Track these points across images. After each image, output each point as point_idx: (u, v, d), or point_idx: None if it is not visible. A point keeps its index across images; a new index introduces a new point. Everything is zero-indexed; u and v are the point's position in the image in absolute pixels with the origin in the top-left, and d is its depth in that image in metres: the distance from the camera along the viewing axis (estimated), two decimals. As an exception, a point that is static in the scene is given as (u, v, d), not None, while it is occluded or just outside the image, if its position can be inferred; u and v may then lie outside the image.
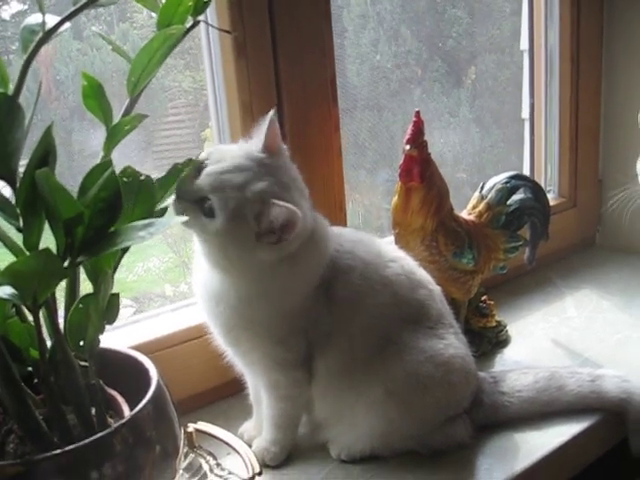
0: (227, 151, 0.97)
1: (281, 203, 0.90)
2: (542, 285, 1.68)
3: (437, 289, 1.11)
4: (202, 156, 0.95)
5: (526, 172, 1.85)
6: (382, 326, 1.03)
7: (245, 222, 0.91)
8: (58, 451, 0.70)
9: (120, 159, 0.93)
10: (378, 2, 1.74)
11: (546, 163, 1.84)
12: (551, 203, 1.67)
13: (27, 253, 0.70)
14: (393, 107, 1.79)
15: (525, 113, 1.90)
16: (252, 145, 0.97)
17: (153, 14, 0.88)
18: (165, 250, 1.54)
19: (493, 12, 1.96)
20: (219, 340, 1.05)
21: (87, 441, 0.71)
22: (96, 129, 1.25)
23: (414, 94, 1.84)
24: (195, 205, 0.92)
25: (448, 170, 1.87)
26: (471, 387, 1.09)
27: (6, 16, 1.30)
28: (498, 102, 1.98)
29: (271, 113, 0.96)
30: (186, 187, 0.91)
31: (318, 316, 1.01)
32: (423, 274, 1.11)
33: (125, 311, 1.40)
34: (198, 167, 0.93)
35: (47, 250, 0.62)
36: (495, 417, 1.11)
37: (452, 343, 1.06)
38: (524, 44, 1.88)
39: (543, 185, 1.81)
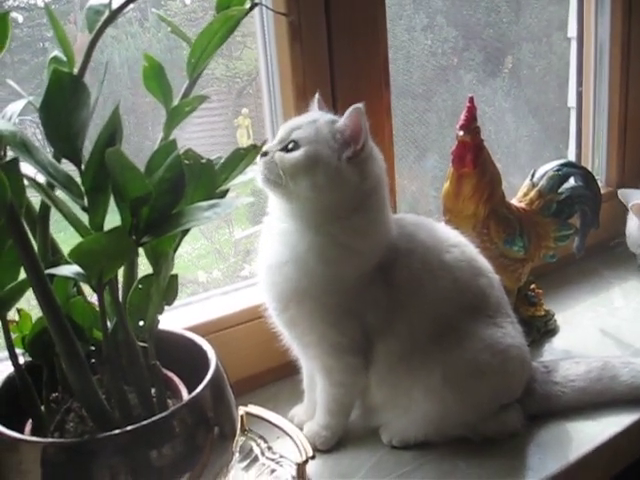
0: None
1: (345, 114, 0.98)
2: (589, 275, 1.66)
3: (496, 278, 1.10)
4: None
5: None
6: (442, 312, 1.02)
7: (324, 143, 0.97)
8: (118, 431, 0.70)
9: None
10: None
11: (593, 152, 1.81)
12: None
13: (92, 232, 0.70)
14: (429, 94, 1.78)
15: (572, 101, 1.88)
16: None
17: (187, 1, 0.88)
18: (197, 237, 1.54)
19: (531, 1, 1.93)
20: (276, 321, 1.05)
21: (147, 422, 0.72)
22: (129, 115, 1.26)
23: (450, 82, 1.82)
24: (281, 151, 0.98)
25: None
26: (526, 376, 1.08)
27: (41, 3, 1.29)
28: (535, 92, 1.96)
29: (315, 97, 1.06)
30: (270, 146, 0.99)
31: (376, 300, 1.00)
32: (484, 261, 1.10)
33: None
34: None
35: (119, 229, 0.63)
36: (548, 406, 1.10)
37: (509, 332, 1.05)
38: (572, 31, 1.85)
39: (590, 173, 1.79)
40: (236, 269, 1.51)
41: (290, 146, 0.97)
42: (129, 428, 0.71)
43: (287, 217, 1.00)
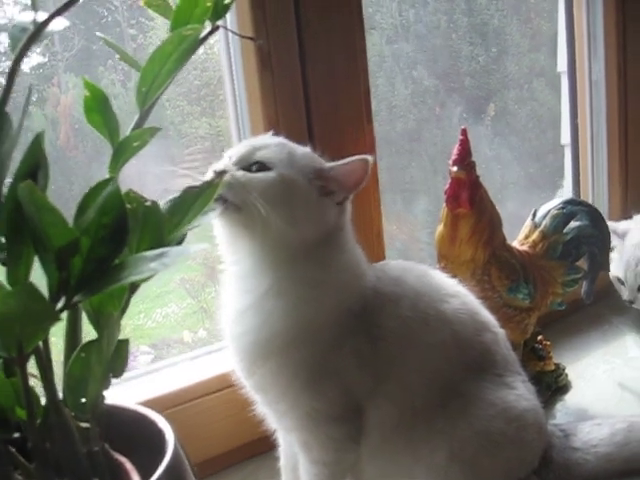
0: None
1: (344, 162, 0.88)
2: (597, 323, 1.56)
3: (502, 332, 0.98)
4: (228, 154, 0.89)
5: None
6: (441, 370, 0.89)
7: (301, 176, 0.86)
8: (49, 541, 0.56)
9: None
10: (394, 42, 1.74)
11: (593, 188, 1.72)
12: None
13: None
14: (414, 142, 1.78)
15: (565, 138, 1.80)
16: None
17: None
18: (183, 296, 1.52)
19: (510, 48, 1.95)
20: (246, 386, 0.92)
21: (86, 527, 0.58)
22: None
23: (432, 131, 1.83)
24: (244, 172, 0.85)
25: None
26: (543, 443, 0.95)
27: (26, 69, 1.30)
28: (519, 138, 1.95)
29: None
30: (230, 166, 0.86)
31: (359, 354, 0.87)
32: (487, 314, 0.98)
33: (143, 358, 1.36)
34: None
35: (29, 285, 0.49)
36: (568, 477, 0.98)
37: (523, 393, 0.93)
38: (562, 66, 1.78)
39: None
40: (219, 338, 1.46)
41: (255, 167, 0.85)
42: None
43: (242, 256, 0.88)
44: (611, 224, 1.43)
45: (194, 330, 1.46)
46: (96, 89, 0.73)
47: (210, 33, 0.79)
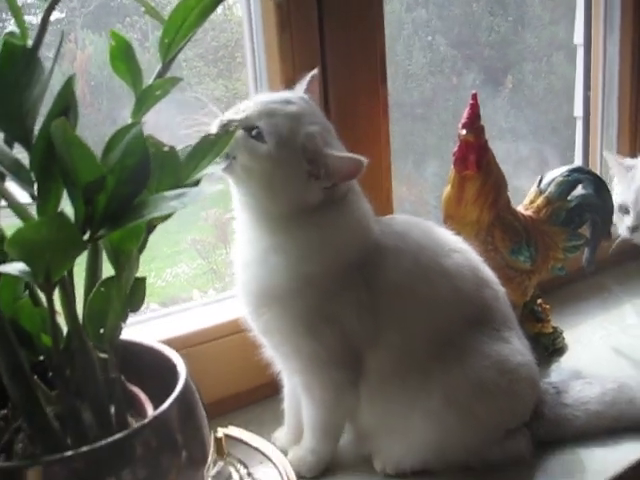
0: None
1: (342, 154, 0.90)
2: (598, 292, 1.59)
3: (502, 290, 1.02)
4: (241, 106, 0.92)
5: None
6: (441, 323, 0.94)
7: (296, 156, 0.88)
8: (70, 453, 0.61)
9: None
10: (413, 9, 1.74)
11: (602, 161, 1.74)
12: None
13: (39, 223, 0.61)
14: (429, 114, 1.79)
15: (578, 110, 1.82)
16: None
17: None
18: (194, 257, 1.54)
19: (532, 20, 1.94)
20: (254, 329, 0.97)
21: (103, 443, 0.62)
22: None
23: (447, 99, 1.84)
24: (245, 131, 0.88)
25: None
26: (534, 398, 1.00)
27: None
28: (536, 112, 1.96)
29: (314, 71, 0.96)
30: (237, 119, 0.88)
31: (358, 304, 0.91)
32: (489, 272, 1.02)
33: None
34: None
35: (61, 214, 0.53)
36: (558, 432, 1.02)
37: (518, 348, 0.97)
38: (578, 38, 1.79)
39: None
40: (231, 288, 1.48)
41: (254, 132, 0.87)
42: (82, 450, 0.61)
43: (244, 211, 0.93)
44: (617, 158, 1.47)
45: (204, 290, 1.47)
46: (121, 39, 0.76)
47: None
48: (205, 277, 1.52)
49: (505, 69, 1.91)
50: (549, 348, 1.29)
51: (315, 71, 0.96)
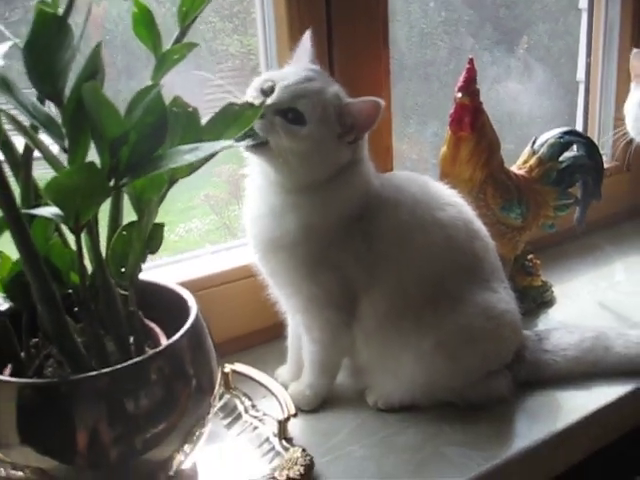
0: (285, 71, 0.99)
1: (359, 99, 0.95)
2: (591, 250, 1.64)
3: (492, 243, 1.09)
4: (260, 80, 0.97)
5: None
6: (435, 271, 1.00)
7: (329, 124, 0.94)
8: (94, 373, 0.70)
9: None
10: None
11: (600, 125, 1.79)
12: (604, 166, 1.64)
13: (70, 172, 0.69)
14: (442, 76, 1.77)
15: (580, 75, 1.85)
16: (301, 63, 1.00)
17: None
18: (207, 212, 1.56)
19: None
20: (262, 273, 1.06)
21: (122, 365, 0.71)
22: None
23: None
24: (280, 116, 0.93)
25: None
26: (517, 342, 1.07)
27: None
28: (551, 73, 1.94)
29: (307, 33, 1.00)
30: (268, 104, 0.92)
31: (356, 251, 0.99)
32: (480, 225, 1.08)
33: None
34: (262, 90, 0.95)
35: (91, 164, 0.61)
36: (537, 374, 1.09)
37: (504, 297, 1.04)
38: (583, 2, 1.82)
39: (596, 146, 1.76)
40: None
41: (291, 115, 0.93)
42: (104, 371, 0.71)
43: (263, 175, 0.99)
44: None
45: (216, 244, 1.49)
46: (143, 5, 0.83)
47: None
48: (218, 232, 1.55)
49: (521, 29, 1.90)
50: (537, 300, 1.35)
51: (308, 34, 1.00)
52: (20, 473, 0.72)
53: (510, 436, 0.99)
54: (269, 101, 0.93)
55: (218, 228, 1.54)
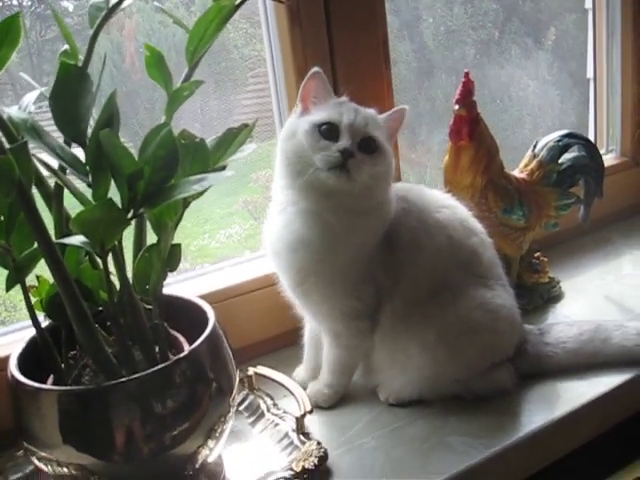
0: (329, 113, 1.05)
1: (389, 112, 1.09)
2: (601, 245, 1.68)
3: (489, 240, 1.16)
4: (309, 127, 1.03)
5: (590, 131, 1.85)
6: (440, 270, 1.08)
7: (388, 141, 1.07)
8: (124, 379, 0.79)
9: (203, 129, 0.94)
10: None
11: (608, 121, 1.84)
12: (613, 162, 1.71)
13: (95, 206, 0.79)
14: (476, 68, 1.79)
15: (590, 72, 1.89)
16: (329, 99, 1.07)
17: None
18: (246, 217, 1.62)
19: None
20: (289, 292, 1.13)
21: (149, 371, 0.81)
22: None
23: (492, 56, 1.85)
24: (361, 151, 1.02)
25: (526, 133, 1.90)
26: (516, 336, 1.13)
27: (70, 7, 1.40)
28: (579, 64, 1.94)
29: (316, 70, 1.06)
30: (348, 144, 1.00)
31: (385, 261, 1.07)
32: (475, 223, 1.16)
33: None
34: (321, 134, 1.02)
35: (109, 200, 0.71)
36: (539, 367, 1.15)
37: (500, 294, 1.11)
38: (588, 3, 1.86)
39: (605, 144, 1.82)
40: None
41: (368, 146, 1.03)
42: (133, 377, 0.80)
43: (312, 201, 1.04)
44: None
45: (255, 250, 1.49)
46: (153, 49, 0.91)
47: (242, 2, 0.96)
48: (257, 237, 1.51)
49: (547, 21, 1.92)
50: (545, 296, 1.41)
51: (317, 70, 1.05)
52: (65, 469, 0.82)
53: (512, 425, 1.05)
54: (347, 143, 1.01)
55: (257, 233, 1.50)
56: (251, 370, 1.16)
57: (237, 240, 1.61)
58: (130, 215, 0.77)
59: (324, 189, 1.01)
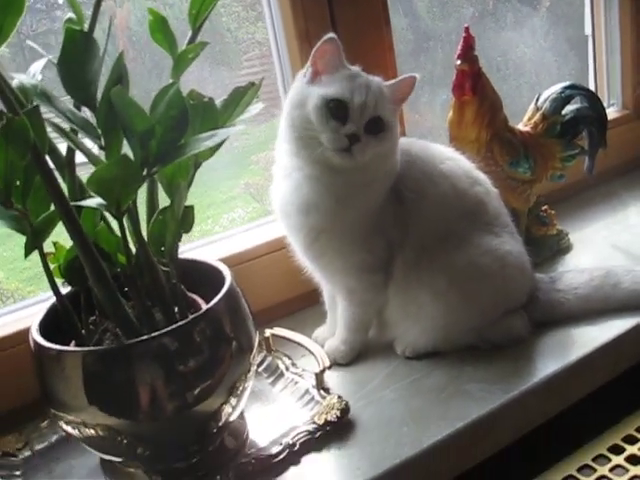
0: (340, 86, 1.03)
1: (400, 78, 1.07)
2: (606, 197, 1.69)
3: (494, 190, 1.17)
4: (319, 102, 1.02)
5: (590, 87, 1.85)
6: (445, 217, 1.10)
7: (394, 113, 1.07)
8: (144, 337, 0.81)
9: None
10: None
11: (608, 76, 1.84)
12: (615, 115, 1.71)
13: (108, 166, 0.79)
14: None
15: (588, 29, 1.89)
16: (339, 68, 1.05)
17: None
18: (249, 200, 1.62)
19: None
20: (300, 254, 1.14)
21: (169, 328, 0.82)
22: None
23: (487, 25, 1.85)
24: (367, 132, 1.02)
25: (525, 102, 1.89)
26: (527, 282, 1.15)
27: None
28: (575, 28, 1.95)
29: (331, 35, 1.03)
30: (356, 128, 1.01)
31: (394, 213, 1.09)
32: (480, 174, 1.17)
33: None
34: (330, 111, 1.01)
35: (125, 156, 0.72)
36: (552, 314, 1.16)
37: (507, 241, 1.12)
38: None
39: (606, 97, 1.82)
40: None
41: (375, 125, 1.03)
42: (153, 334, 0.81)
43: (322, 169, 1.05)
44: None
45: None
46: (157, 14, 0.92)
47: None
48: (260, 221, 1.52)
49: None
50: (554, 248, 1.42)
51: (332, 36, 1.03)
52: (91, 431, 0.84)
53: (528, 371, 1.07)
54: (355, 127, 1.01)
55: (260, 215, 1.55)
56: (268, 332, 1.17)
57: (240, 224, 1.57)
58: (144, 173, 0.78)
59: (330, 164, 1.03)
